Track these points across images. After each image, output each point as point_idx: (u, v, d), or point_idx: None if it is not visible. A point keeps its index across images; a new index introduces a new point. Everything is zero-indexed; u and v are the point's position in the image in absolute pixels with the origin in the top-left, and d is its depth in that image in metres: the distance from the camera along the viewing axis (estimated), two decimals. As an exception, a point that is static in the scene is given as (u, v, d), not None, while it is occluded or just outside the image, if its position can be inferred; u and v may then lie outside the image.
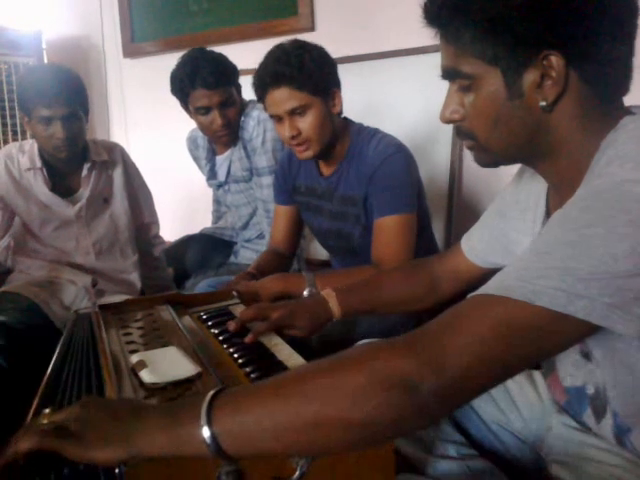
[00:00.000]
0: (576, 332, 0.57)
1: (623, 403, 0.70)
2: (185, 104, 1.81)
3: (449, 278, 1.04)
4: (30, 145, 1.72)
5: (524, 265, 0.60)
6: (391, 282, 1.09)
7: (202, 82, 1.70)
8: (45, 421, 0.60)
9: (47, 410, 0.62)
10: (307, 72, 1.29)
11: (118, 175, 1.82)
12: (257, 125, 1.79)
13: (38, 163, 1.69)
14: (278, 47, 1.34)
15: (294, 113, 1.32)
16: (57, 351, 0.92)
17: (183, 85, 1.74)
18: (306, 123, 1.33)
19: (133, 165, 1.91)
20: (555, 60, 0.64)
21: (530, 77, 0.66)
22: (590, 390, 0.76)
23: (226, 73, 1.74)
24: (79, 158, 1.72)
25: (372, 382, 0.55)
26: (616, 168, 0.59)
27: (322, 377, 0.57)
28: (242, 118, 1.83)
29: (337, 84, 1.39)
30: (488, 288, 0.60)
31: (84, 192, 1.74)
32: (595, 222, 0.56)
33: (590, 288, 0.54)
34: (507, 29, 0.64)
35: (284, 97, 1.30)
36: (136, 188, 1.90)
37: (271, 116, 1.37)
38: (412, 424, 0.58)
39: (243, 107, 1.84)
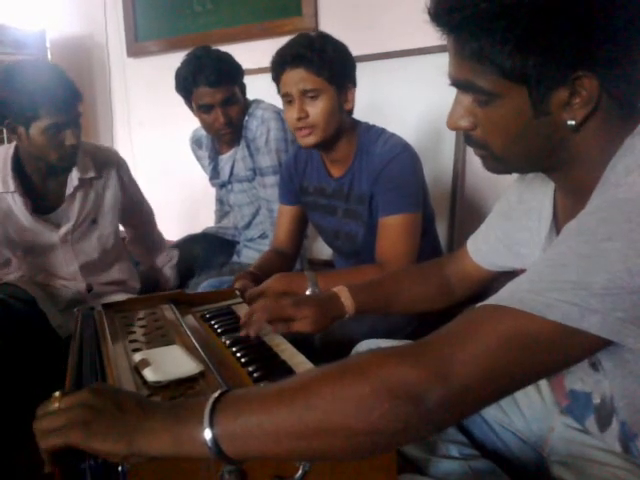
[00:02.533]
0: (588, 346, 0.56)
1: (632, 412, 0.70)
2: (189, 102, 1.82)
3: (460, 280, 1.03)
4: (2, 160, 1.54)
5: (537, 277, 0.58)
6: (405, 282, 1.07)
7: (205, 80, 1.71)
8: (56, 404, 0.61)
9: (57, 393, 0.63)
10: (327, 59, 1.30)
11: (110, 195, 1.68)
12: (261, 124, 1.79)
13: (11, 186, 1.52)
14: (302, 34, 1.36)
15: (306, 95, 1.32)
16: (71, 348, 0.92)
17: (187, 83, 1.75)
18: (316, 108, 1.33)
19: (128, 177, 1.76)
20: (587, 81, 0.61)
21: (559, 96, 0.62)
22: (596, 400, 0.75)
23: (229, 71, 1.75)
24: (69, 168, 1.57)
25: (377, 391, 0.54)
26: (636, 178, 0.57)
27: (327, 384, 0.56)
28: (246, 117, 1.83)
29: (353, 82, 1.40)
30: (499, 298, 0.59)
31: (69, 212, 1.60)
32: (613, 236, 0.55)
33: (604, 303, 0.53)
34: (540, 49, 0.60)
35: (300, 77, 1.31)
36: (131, 201, 1.78)
37: (283, 96, 1.37)
38: (416, 434, 0.58)
39: (247, 106, 1.85)
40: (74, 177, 1.59)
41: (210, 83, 1.71)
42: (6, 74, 1.43)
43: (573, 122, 0.63)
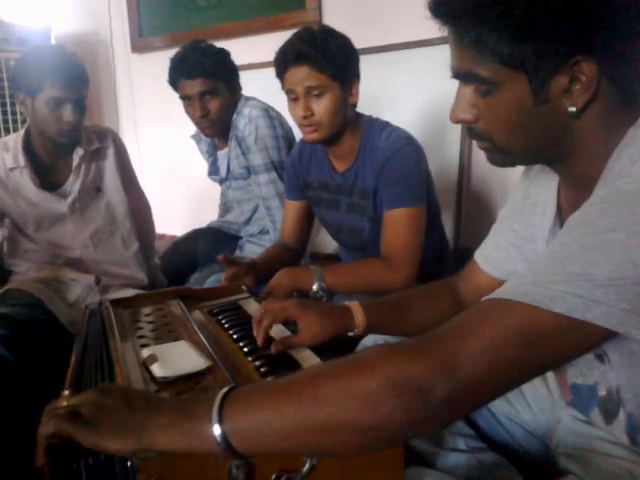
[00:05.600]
0: (593, 338, 0.56)
1: (638, 404, 0.69)
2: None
3: (473, 296, 0.97)
4: (14, 141, 1.64)
5: (541, 269, 0.58)
6: (415, 302, 1.01)
7: (184, 72, 1.74)
8: (65, 403, 0.62)
9: (66, 392, 0.63)
10: (330, 56, 1.30)
11: (110, 163, 1.75)
12: (249, 123, 1.78)
13: (22, 161, 1.61)
14: (305, 28, 1.35)
15: (310, 93, 1.32)
16: (76, 345, 0.93)
17: (172, 74, 1.79)
18: (320, 106, 1.33)
19: (125, 150, 1.85)
20: (586, 66, 0.61)
21: (558, 82, 0.62)
22: (602, 392, 0.75)
23: (210, 65, 1.74)
24: (72, 145, 1.66)
25: (384, 386, 0.54)
26: (639, 169, 0.57)
27: (334, 380, 0.57)
28: (234, 116, 1.83)
29: (357, 76, 1.39)
30: (504, 292, 0.59)
31: (74, 183, 1.67)
32: (616, 227, 0.55)
33: (609, 294, 0.53)
34: (537, 35, 0.60)
35: (304, 75, 1.31)
36: (128, 173, 1.85)
37: (287, 92, 1.36)
38: (424, 428, 0.58)
39: (235, 104, 1.84)
40: (79, 150, 1.67)
41: (188, 75, 1.74)
42: (25, 52, 1.61)
43: (574, 108, 0.63)
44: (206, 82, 1.75)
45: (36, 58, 1.55)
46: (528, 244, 0.86)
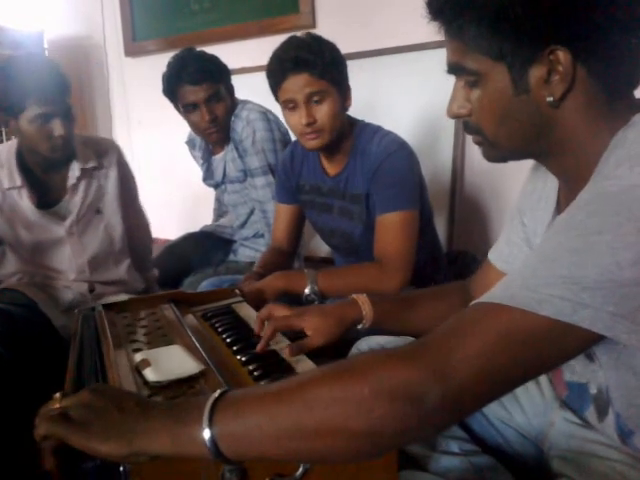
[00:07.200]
0: (581, 341, 0.56)
1: (625, 405, 0.70)
2: (176, 104, 1.82)
3: None
4: (7, 154, 1.56)
5: (529, 272, 0.59)
6: (425, 303, 1.01)
7: (188, 78, 1.73)
8: (56, 405, 0.62)
9: (57, 395, 0.63)
10: (327, 61, 1.30)
11: (112, 184, 1.67)
12: (246, 126, 1.79)
13: (18, 180, 1.54)
14: (294, 37, 1.35)
15: (311, 100, 1.31)
16: (71, 350, 0.93)
17: (171, 83, 1.77)
18: (322, 112, 1.32)
19: (128, 168, 1.77)
20: (562, 55, 0.62)
21: (536, 72, 0.64)
22: (593, 390, 0.75)
23: (212, 70, 1.75)
24: (66, 161, 1.58)
25: (376, 393, 0.54)
26: (625, 171, 0.57)
27: (327, 385, 0.56)
28: (232, 118, 1.83)
29: (348, 81, 1.40)
30: (493, 296, 0.59)
31: (71, 203, 1.60)
32: (602, 229, 0.55)
33: (595, 297, 0.53)
34: (512, 24, 0.62)
35: (304, 82, 1.30)
36: (130, 192, 1.78)
37: (284, 102, 1.35)
38: (417, 434, 0.58)
39: (234, 107, 1.85)
40: (75, 168, 1.60)
41: (192, 81, 1.73)
42: (3, 70, 1.47)
43: (551, 98, 0.65)
44: (211, 86, 1.75)
45: (13, 76, 1.44)
46: (534, 238, 0.86)
